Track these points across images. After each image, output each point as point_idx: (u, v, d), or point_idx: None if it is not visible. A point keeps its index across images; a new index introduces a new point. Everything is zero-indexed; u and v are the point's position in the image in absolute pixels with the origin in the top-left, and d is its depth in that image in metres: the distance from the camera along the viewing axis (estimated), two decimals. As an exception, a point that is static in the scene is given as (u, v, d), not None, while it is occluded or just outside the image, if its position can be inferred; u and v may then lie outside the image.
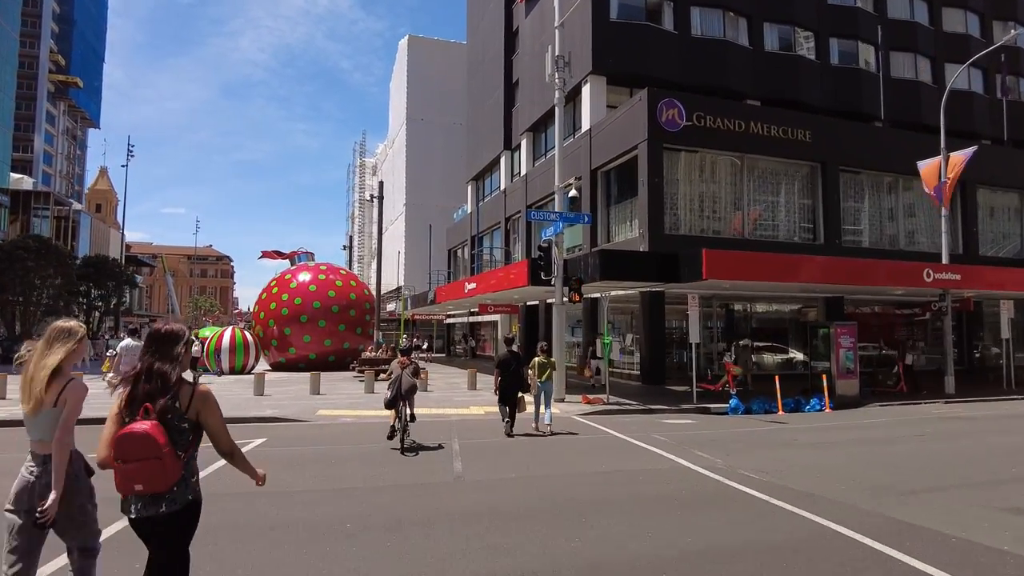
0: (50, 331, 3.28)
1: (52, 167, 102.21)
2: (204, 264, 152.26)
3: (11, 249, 35.14)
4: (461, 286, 26.35)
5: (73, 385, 3.20)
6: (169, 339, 3.05)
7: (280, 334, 28.91)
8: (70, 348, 3.23)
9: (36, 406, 3.14)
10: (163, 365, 2.97)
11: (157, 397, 2.90)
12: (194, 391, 3.00)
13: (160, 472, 2.79)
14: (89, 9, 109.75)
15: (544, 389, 11.83)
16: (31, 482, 3.17)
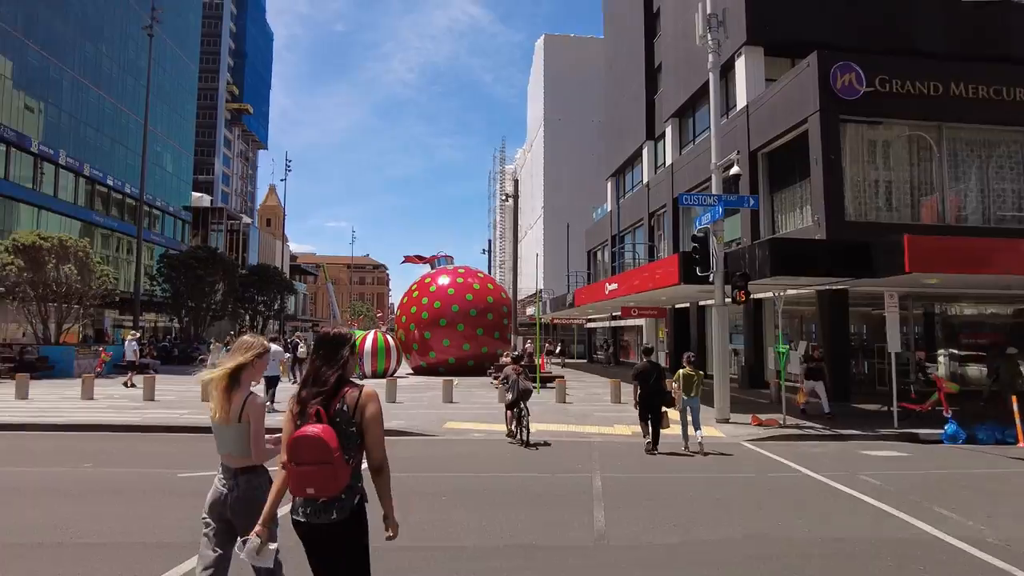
0: (236, 345, 3.45)
1: (229, 186, 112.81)
2: (362, 272, 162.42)
3: (184, 259, 38.20)
4: (601, 288, 24.36)
5: (253, 401, 3.30)
6: (336, 342, 3.06)
7: (420, 338, 28.60)
8: (247, 360, 3.35)
9: (222, 417, 3.27)
10: (330, 368, 2.98)
11: (326, 400, 2.91)
12: (361, 393, 2.97)
13: (332, 476, 2.76)
14: (258, 42, 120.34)
15: (691, 405, 10.53)
16: (223, 494, 3.30)
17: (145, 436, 10.88)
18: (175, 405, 14.79)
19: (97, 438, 10.63)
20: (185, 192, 67.62)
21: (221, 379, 3.29)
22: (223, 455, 3.33)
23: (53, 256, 24.38)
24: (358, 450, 2.96)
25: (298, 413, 2.93)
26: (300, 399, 2.94)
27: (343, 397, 2.93)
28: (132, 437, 10.77)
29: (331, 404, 2.90)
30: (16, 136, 39.67)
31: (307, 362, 3.99)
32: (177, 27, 64.15)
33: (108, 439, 10.56)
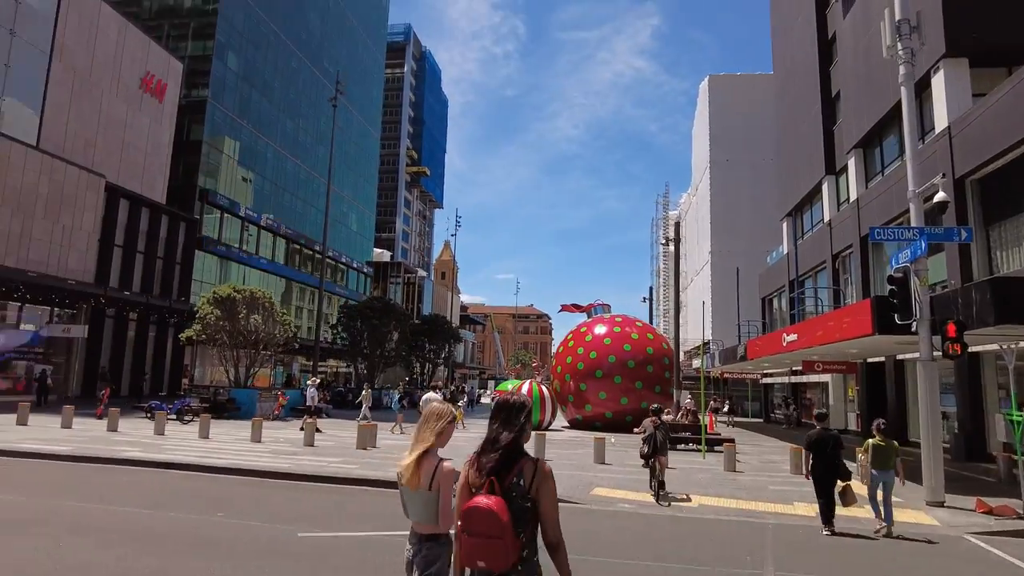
0: (426, 413, 3.38)
1: (408, 243, 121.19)
2: (526, 322, 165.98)
3: (361, 309, 40.80)
4: (778, 338, 21.81)
5: (444, 469, 3.22)
6: (514, 409, 3.00)
7: (576, 389, 27.61)
8: (439, 430, 3.29)
9: (412, 483, 3.19)
10: (509, 436, 2.92)
11: (502, 471, 2.85)
12: (537, 467, 2.87)
13: (502, 551, 2.69)
14: (434, 109, 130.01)
15: (884, 481, 9.08)
16: (410, 559, 3.29)
17: (288, 484, 10.93)
18: (329, 452, 15.05)
19: (243, 483, 10.84)
20: (367, 248, 73.40)
21: (413, 458, 3.21)
22: (412, 522, 3.31)
23: (244, 306, 26.95)
24: (532, 525, 2.88)
25: (475, 481, 2.89)
26: (478, 465, 2.91)
27: (519, 470, 2.87)
28: (276, 485, 10.85)
29: (506, 476, 2.84)
30: (228, 203, 45.46)
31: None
32: (362, 101, 70.98)
33: (252, 485, 10.72)
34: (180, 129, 43.06)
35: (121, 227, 35.86)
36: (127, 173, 36.67)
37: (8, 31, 30.49)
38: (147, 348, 37.58)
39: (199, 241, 42.28)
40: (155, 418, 17.42)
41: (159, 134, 39.85)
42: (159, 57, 39.72)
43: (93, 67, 34.58)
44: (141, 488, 9.98)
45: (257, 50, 50.42)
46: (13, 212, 28.57)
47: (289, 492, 10.19)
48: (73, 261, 31.37)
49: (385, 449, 16.12)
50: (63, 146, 32.19)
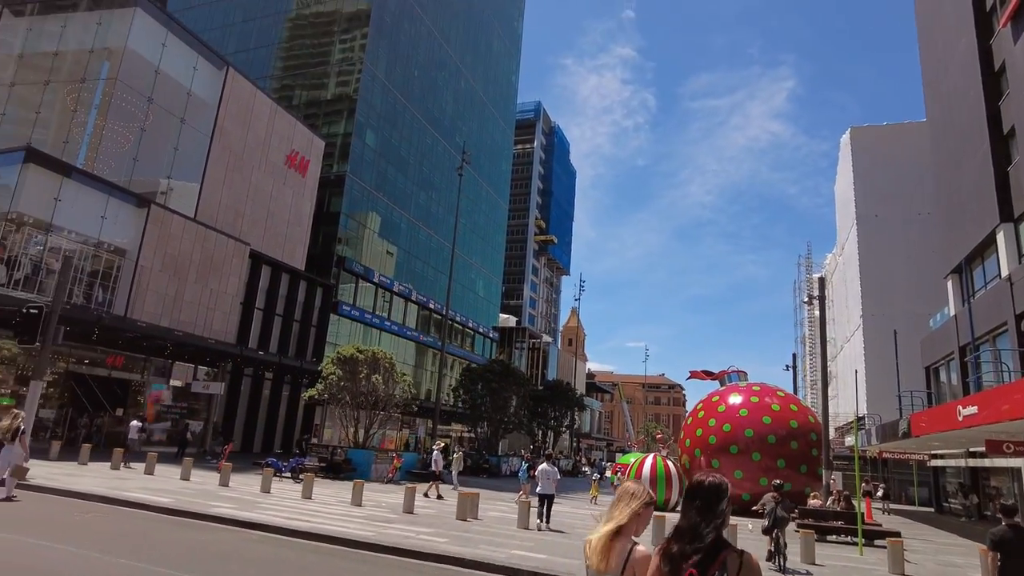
0: (619, 491, 3.18)
1: (535, 310, 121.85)
2: (657, 392, 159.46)
3: (481, 371, 40.43)
4: (951, 412, 18.24)
5: (639, 556, 2.93)
6: (714, 493, 2.77)
7: (707, 466, 24.86)
8: (635, 510, 3.03)
9: (600, 567, 2.97)
10: (707, 524, 2.70)
11: (703, 564, 2.64)
12: (743, 561, 2.65)
13: None
14: (562, 180, 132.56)
15: None
16: None
17: (360, 555, 9.96)
18: (425, 522, 14.01)
19: (311, 549, 10.04)
20: (494, 314, 74.14)
21: (603, 539, 2.98)
22: None
23: (365, 366, 27.23)
24: None
25: (668, 573, 2.72)
26: (670, 556, 2.74)
27: (723, 564, 2.64)
28: (346, 555, 9.92)
29: (709, 570, 2.64)
30: (363, 270, 47.61)
31: None
32: (492, 174, 73.38)
33: (319, 552, 9.87)
34: (320, 201, 46.20)
35: (262, 291, 38.34)
36: (270, 242, 39.47)
37: (179, 120, 34.38)
38: (280, 407, 39.27)
39: (334, 305, 44.33)
40: (263, 475, 17.36)
41: (301, 206, 42.85)
42: (303, 136, 43.18)
43: (246, 146, 38.06)
44: (193, 547, 9.44)
45: (393, 128, 53.71)
46: (170, 277, 31.27)
47: (354, 564, 9.20)
48: (217, 322, 33.66)
49: (487, 522, 14.83)
50: (216, 217, 35.24)
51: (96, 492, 13.34)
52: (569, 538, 13.31)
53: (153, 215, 30.64)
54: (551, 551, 11.15)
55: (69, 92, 31.90)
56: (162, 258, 30.93)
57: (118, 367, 30.17)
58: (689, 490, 2.86)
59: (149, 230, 30.32)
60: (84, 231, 28.26)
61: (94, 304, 28.18)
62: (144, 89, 32.18)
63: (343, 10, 50.92)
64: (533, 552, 10.82)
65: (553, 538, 13.04)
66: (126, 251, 29.84)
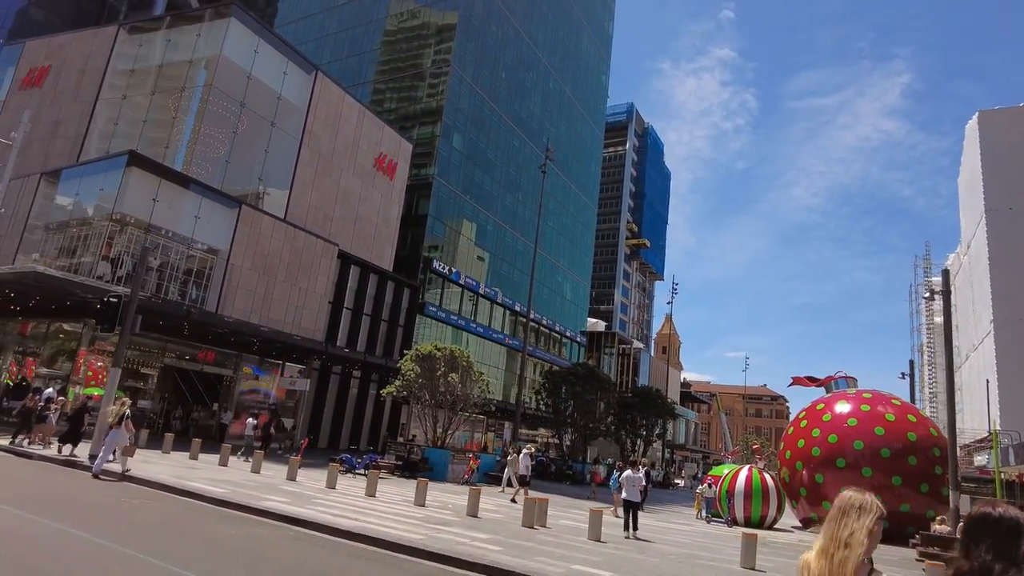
0: (843, 505, 2.62)
1: (627, 315, 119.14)
2: (758, 404, 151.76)
3: (565, 375, 39.16)
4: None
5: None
6: (1013, 530, 2.22)
7: (810, 481, 22.45)
8: (868, 528, 2.51)
9: None
10: (1006, 568, 2.21)
11: None
12: None
13: None
14: (655, 182, 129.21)
15: None
16: None
17: (399, 560, 9.04)
18: (486, 527, 12.98)
19: (348, 551, 9.19)
20: (582, 318, 72.56)
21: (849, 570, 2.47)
22: None
23: (443, 364, 26.68)
24: None
25: None
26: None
27: None
28: (382, 558, 9.02)
29: None
30: (450, 271, 47.53)
31: None
32: (580, 176, 72.00)
33: (354, 556, 9.00)
34: (408, 204, 46.58)
35: (351, 291, 38.89)
36: (359, 243, 40.01)
37: (270, 123, 35.46)
38: (367, 405, 39.63)
39: (421, 306, 44.46)
40: (328, 471, 16.95)
41: (389, 208, 43.29)
42: (391, 139, 43.63)
43: (335, 149, 38.79)
44: (217, 540, 8.88)
45: (480, 131, 53.55)
46: (260, 275, 32.11)
47: (385, 570, 8.26)
48: (306, 320, 34.28)
49: (556, 531, 13.59)
50: (305, 218, 36.02)
51: (159, 479, 13.25)
52: (645, 553, 11.88)
53: (244, 215, 31.57)
54: (620, 568, 9.80)
55: (172, 100, 33.60)
56: (252, 257, 31.80)
57: (209, 362, 31.23)
58: (972, 523, 2.40)
59: (240, 230, 31.25)
60: (180, 231, 29.45)
61: (187, 301, 29.28)
62: (237, 94, 33.35)
63: (432, 21, 51.38)
64: (598, 568, 9.52)
65: (628, 552, 11.66)
66: (219, 250, 30.89)
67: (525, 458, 21.12)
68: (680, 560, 11.56)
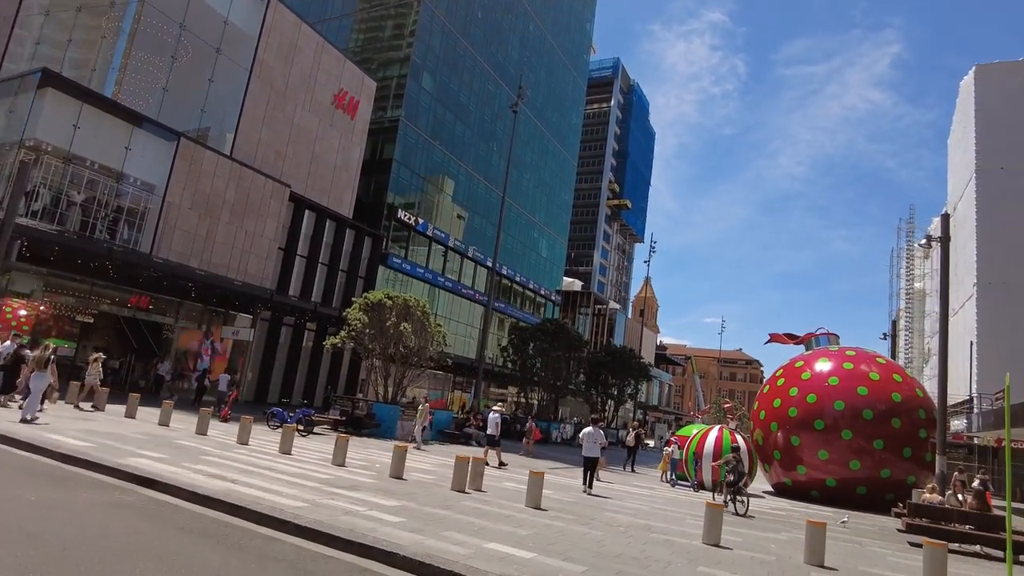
0: None
1: (605, 277, 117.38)
2: (733, 368, 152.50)
3: (533, 331, 37.19)
4: None
5: None
6: None
7: (785, 444, 20.81)
8: None
9: None
10: None
11: None
12: None
13: None
14: (639, 141, 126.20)
15: None
16: None
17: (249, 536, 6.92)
18: (401, 491, 10.96)
19: (190, 529, 7.05)
20: (557, 277, 70.54)
21: None
22: None
23: (395, 314, 24.45)
24: None
25: None
26: None
27: None
28: (226, 540, 6.89)
29: None
30: (416, 221, 44.94)
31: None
32: (560, 128, 69.01)
33: (196, 534, 6.85)
34: (372, 148, 43.69)
35: (305, 238, 36.27)
36: (315, 186, 37.23)
37: (215, 50, 32.23)
38: (322, 359, 37.40)
39: (383, 257, 41.99)
40: (241, 426, 14.79)
41: (349, 150, 40.38)
42: (353, 75, 40.47)
43: (289, 83, 35.65)
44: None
45: (453, 72, 50.35)
46: (201, 216, 29.39)
47: (214, 555, 6.14)
48: (253, 267, 31.72)
49: (491, 495, 11.62)
50: (254, 156, 33.13)
51: (12, 432, 10.98)
52: (590, 524, 9.93)
53: (183, 149, 28.67)
54: (550, 547, 7.80)
55: (101, 19, 30.23)
56: (192, 195, 29.03)
57: (144, 308, 28.69)
58: None
59: (178, 165, 28.40)
60: (108, 163, 26.58)
61: (118, 240, 26.62)
62: (176, 15, 30.09)
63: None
64: (517, 548, 7.50)
65: (568, 523, 9.71)
66: (154, 187, 28.10)
67: (495, 417, 19.22)
68: (630, 533, 9.63)
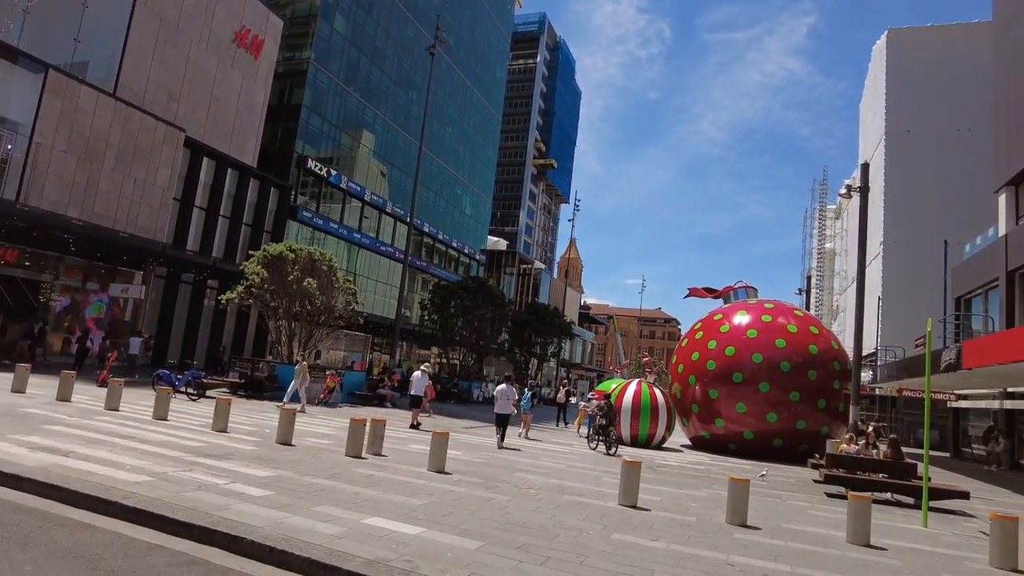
0: None
1: (531, 237, 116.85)
2: (653, 326, 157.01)
3: (454, 289, 35.91)
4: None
5: None
6: None
7: (703, 397, 20.59)
8: None
9: None
10: None
11: None
12: None
13: None
14: (565, 100, 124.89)
15: None
16: None
17: (47, 516, 5.48)
18: (284, 459, 9.61)
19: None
20: (482, 235, 69.16)
21: None
22: None
23: (297, 268, 22.55)
24: None
25: None
26: None
27: None
28: (25, 521, 5.42)
29: None
30: (328, 173, 42.31)
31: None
32: (484, 79, 66.72)
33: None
34: (280, 93, 40.57)
35: (204, 187, 33.29)
36: (214, 132, 34.08)
37: (90, -31, 28.49)
38: (226, 319, 34.90)
39: (293, 211, 39.35)
40: (110, 390, 12.93)
41: (253, 93, 37.16)
42: (257, 11, 37.04)
43: (183, 14, 32.11)
44: None
45: (368, 14, 47.21)
46: (79, 160, 26.18)
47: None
48: (144, 218, 28.76)
49: (391, 460, 10.45)
50: (143, 96, 29.78)
51: None
52: (496, 489, 8.93)
53: (53, 83, 25.20)
54: (443, 518, 6.71)
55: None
56: (68, 137, 25.72)
57: (10, 262, 25.46)
58: None
59: (48, 101, 24.96)
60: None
61: (-25, 185, 23.30)
62: (39, -76, 26.23)
63: None
64: (404, 521, 6.37)
65: (471, 488, 8.69)
66: (18, 125, 24.67)
67: (422, 377, 17.95)
68: (540, 496, 8.70)
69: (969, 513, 11.49)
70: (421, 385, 17.83)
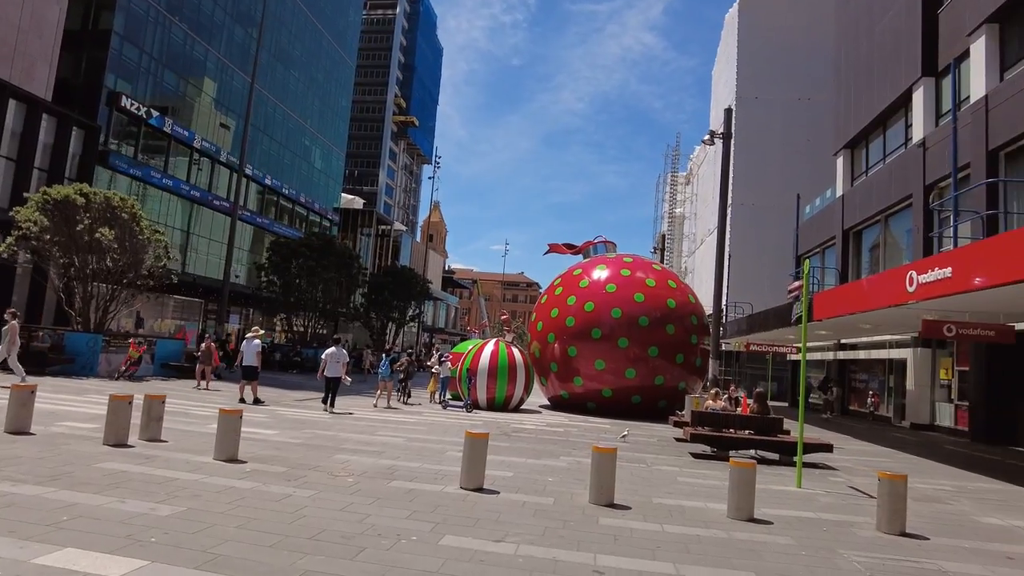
0: None
1: (392, 199, 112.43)
2: (515, 290, 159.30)
3: (296, 246, 32.38)
4: (895, 282, 13.39)
5: None
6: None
7: (562, 355, 19.50)
8: None
9: None
10: None
11: None
12: None
13: None
14: (427, 57, 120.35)
15: None
16: None
17: None
18: (16, 452, 6.84)
19: None
20: (335, 192, 64.67)
21: None
22: None
23: (88, 216, 18.48)
24: None
25: None
26: None
27: None
28: None
29: None
30: (148, 113, 36.52)
31: None
32: (335, 21, 61.52)
33: None
34: (84, 14, 34.16)
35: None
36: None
37: None
38: (14, 281, 29.09)
39: (103, 156, 33.51)
40: None
41: (42, 8, 30.76)
42: (44, -93, 30.49)
43: (-67, -103, 25.50)
44: None
45: (195, -71, 41.02)
46: None
47: None
48: None
49: (168, 449, 7.94)
50: None
51: None
52: (300, 481, 6.82)
53: None
54: (192, 539, 4.57)
55: None
56: None
57: None
58: None
59: None
60: None
61: None
62: None
63: None
64: (118, 554, 4.16)
65: (265, 485, 6.54)
66: None
67: (253, 346, 14.92)
68: (359, 486, 6.72)
69: (830, 466, 11.05)
70: (251, 353, 15.04)
